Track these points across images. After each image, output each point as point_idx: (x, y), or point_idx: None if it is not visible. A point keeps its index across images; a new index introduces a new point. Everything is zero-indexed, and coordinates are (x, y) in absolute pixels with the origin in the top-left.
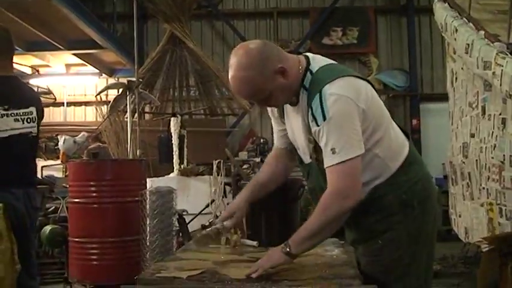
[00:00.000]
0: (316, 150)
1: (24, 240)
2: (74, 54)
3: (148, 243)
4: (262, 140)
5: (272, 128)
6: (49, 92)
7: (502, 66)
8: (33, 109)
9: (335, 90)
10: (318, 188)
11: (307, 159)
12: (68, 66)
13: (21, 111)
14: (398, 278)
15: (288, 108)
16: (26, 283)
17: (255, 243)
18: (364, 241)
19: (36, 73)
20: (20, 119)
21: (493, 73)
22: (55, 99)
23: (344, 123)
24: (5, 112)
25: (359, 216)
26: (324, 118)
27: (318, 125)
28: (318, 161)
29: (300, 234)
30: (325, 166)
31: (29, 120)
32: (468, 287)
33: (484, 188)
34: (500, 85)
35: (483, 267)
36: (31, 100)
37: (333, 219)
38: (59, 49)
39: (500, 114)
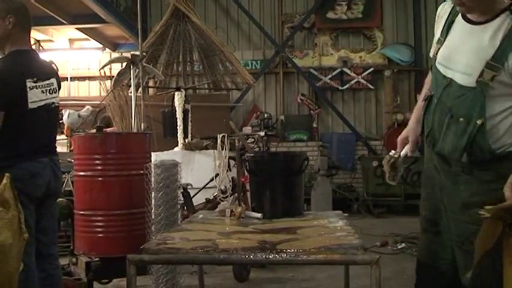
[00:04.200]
0: (495, 77)
1: (52, 205)
2: (77, 28)
3: (153, 216)
4: (266, 115)
5: (276, 103)
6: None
7: None
8: (53, 80)
9: None
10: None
11: (469, 81)
12: (71, 41)
13: (45, 82)
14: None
15: (458, 24)
16: (45, 250)
17: (259, 215)
18: (477, 206)
19: (41, 48)
20: (44, 91)
21: None
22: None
23: None
24: (34, 84)
25: (483, 180)
26: None
27: None
28: (487, 87)
29: None
30: None
31: (51, 91)
32: None
33: None
34: None
35: (483, 236)
36: (51, 72)
37: None
38: (62, 24)
39: None
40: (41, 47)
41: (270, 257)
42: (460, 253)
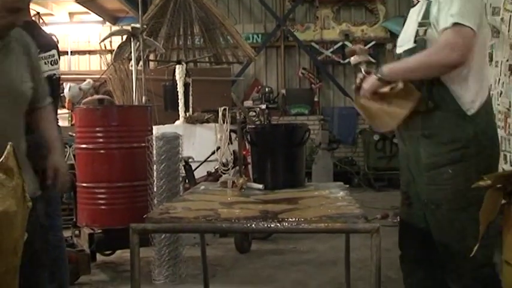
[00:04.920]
0: (426, 31)
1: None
2: (77, 1)
3: (155, 188)
4: (267, 89)
5: (277, 77)
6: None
7: (511, 12)
8: (54, 52)
9: None
10: None
11: (410, 44)
12: (71, 14)
13: (47, 54)
14: (465, 206)
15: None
16: (49, 221)
17: (260, 186)
18: (435, 168)
19: (41, 21)
20: (46, 62)
21: (501, 19)
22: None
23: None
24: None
25: (437, 141)
26: None
27: None
28: (423, 42)
29: (396, 65)
30: (440, 28)
31: (52, 63)
32: None
33: None
34: (508, 31)
35: (485, 207)
36: (52, 43)
37: (433, 64)
38: None
39: (507, 60)
40: (41, 19)
41: (272, 225)
42: (429, 214)
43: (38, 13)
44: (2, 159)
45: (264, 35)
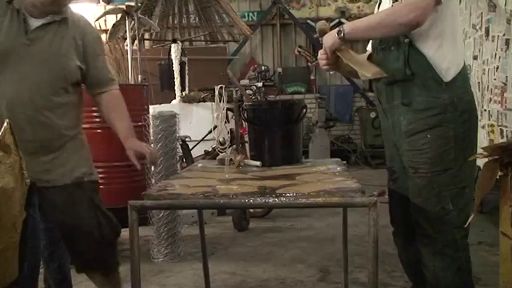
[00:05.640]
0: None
1: None
2: None
3: (152, 168)
4: (263, 68)
5: (274, 56)
6: None
7: None
8: None
9: None
10: None
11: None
12: None
13: None
14: (442, 170)
15: None
16: None
17: (258, 163)
18: (413, 133)
19: None
20: None
21: None
22: None
23: None
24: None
25: (415, 108)
26: None
27: None
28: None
29: (356, 23)
30: None
31: None
32: None
33: (485, 110)
34: (505, 5)
35: (482, 179)
36: None
37: (392, 23)
38: None
39: (504, 35)
40: None
41: (270, 201)
42: (409, 181)
43: None
44: None
45: (259, 12)
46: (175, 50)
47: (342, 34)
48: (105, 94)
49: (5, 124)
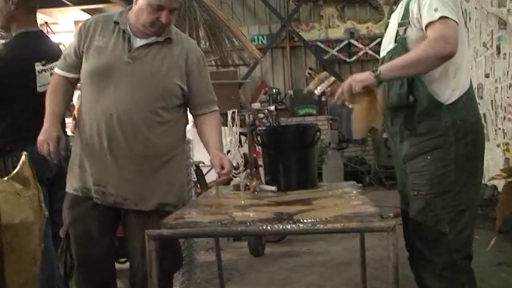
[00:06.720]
0: (406, 30)
1: (64, 187)
2: (82, 9)
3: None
4: (274, 90)
5: (284, 78)
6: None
7: None
8: None
9: None
10: None
11: (392, 45)
12: (76, 23)
13: (54, 64)
14: (441, 192)
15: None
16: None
17: (273, 188)
18: (414, 156)
19: (49, 30)
20: (53, 73)
21: (508, 10)
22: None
23: None
24: (43, 68)
25: (416, 132)
26: None
27: None
28: (404, 40)
29: (393, 63)
30: (425, 22)
31: None
32: (484, 228)
33: (500, 128)
34: None
35: (502, 199)
36: (59, 54)
37: (430, 58)
38: (66, 5)
39: None
40: (49, 29)
41: (288, 227)
42: (411, 203)
43: (46, 23)
44: (17, 169)
45: (269, 36)
46: None
47: (378, 72)
48: (206, 116)
49: (23, 157)
